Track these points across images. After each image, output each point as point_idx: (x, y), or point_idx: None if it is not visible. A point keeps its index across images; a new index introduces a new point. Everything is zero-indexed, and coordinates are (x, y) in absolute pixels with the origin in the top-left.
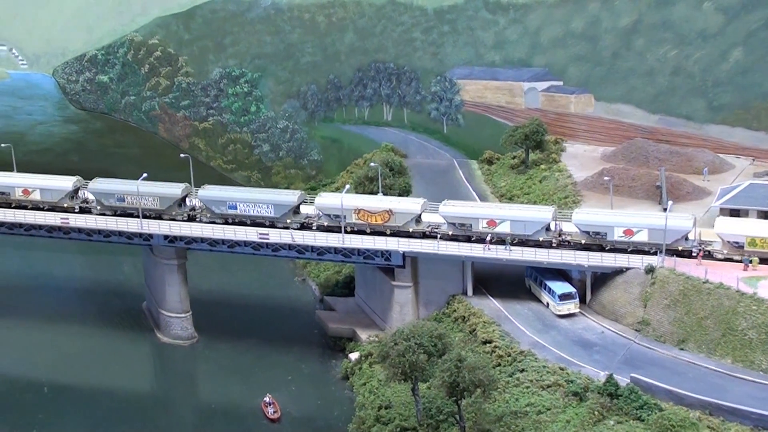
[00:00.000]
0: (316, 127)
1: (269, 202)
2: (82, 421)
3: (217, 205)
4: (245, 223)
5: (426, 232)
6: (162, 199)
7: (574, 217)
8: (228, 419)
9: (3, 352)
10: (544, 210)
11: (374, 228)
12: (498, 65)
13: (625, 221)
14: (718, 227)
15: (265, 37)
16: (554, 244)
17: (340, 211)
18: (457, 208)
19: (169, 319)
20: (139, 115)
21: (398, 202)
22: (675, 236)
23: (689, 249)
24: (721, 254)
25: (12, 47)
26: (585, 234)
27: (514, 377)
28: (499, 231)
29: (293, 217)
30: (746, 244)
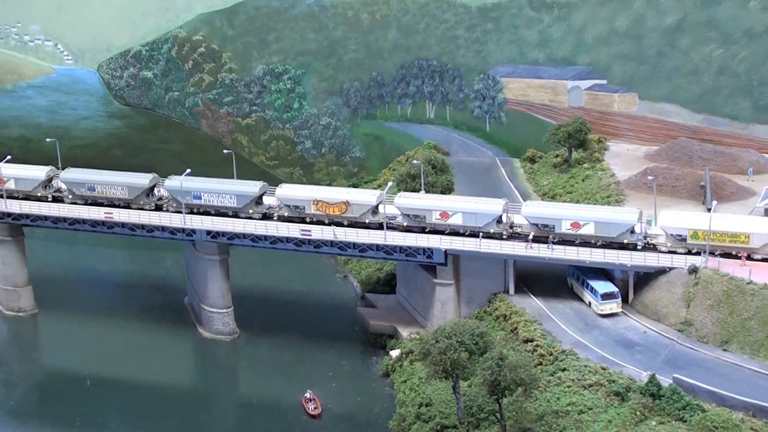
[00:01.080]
0: (359, 124)
1: (232, 193)
2: (123, 415)
3: (182, 196)
4: (210, 213)
5: (382, 223)
6: (130, 189)
7: (523, 210)
8: (269, 415)
9: (47, 345)
10: (494, 203)
11: (332, 219)
12: (541, 63)
13: (572, 214)
14: (661, 220)
15: (308, 33)
16: (504, 235)
17: (299, 202)
18: (411, 200)
19: (211, 314)
20: (183, 110)
21: (354, 193)
22: (620, 229)
23: (634, 242)
24: (665, 247)
25: (57, 43)
26: (534, 226)
27: (555, 376)
28: (452, 223)
29: (255, 207)
30: (689, 237)
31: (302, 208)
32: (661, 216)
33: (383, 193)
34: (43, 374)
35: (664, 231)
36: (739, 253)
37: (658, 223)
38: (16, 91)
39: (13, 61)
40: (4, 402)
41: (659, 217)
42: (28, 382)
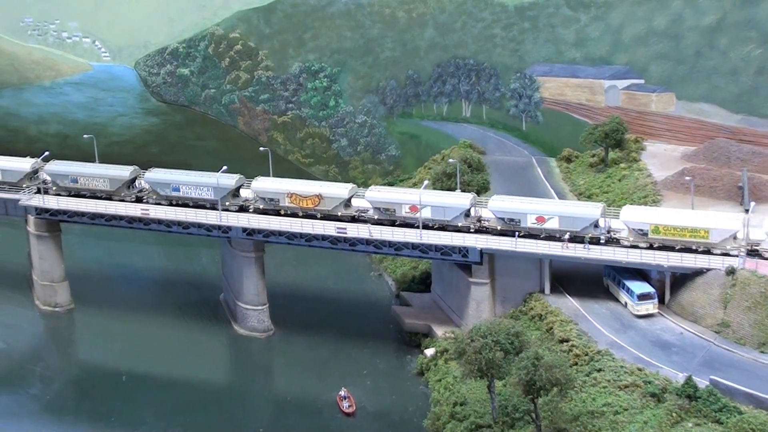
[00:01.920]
0: (395, 122)
1: (209, 185)
2: (158, 410)
3: (161, 187)
4: (188, 205)
5: (354, 216)
6: (111, 181)
7: (490, 204)
8: (303, 412)
9: (83, 340)
10: (462, 197)
11: (306, 211)
12: (578, 63)
13: (536, 208)
14: (623, 215)
15: (345, 32)
16: (472, 229)
17: (274, 195)
18: (381, 193)
19: (246, 311)
20: (219, 108)
21: (327, 186)
22: (584, 224)
23: (597, 236)
24: (627, 241)
25: (95, 40)
26: (500, 220)
27: (591, 377)
28: (421, 216)
29: (232, 199)
30: (650, 232)
31: (277, 201)
32: (623, 211)
33: (354, 187)
34: (79, 369)
35: (626, 225)
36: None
37: (621, 217)
38: (54, 87)
39: (51, 57)
40: (40, 396)
41: (621, 212)
42: (65, 377)
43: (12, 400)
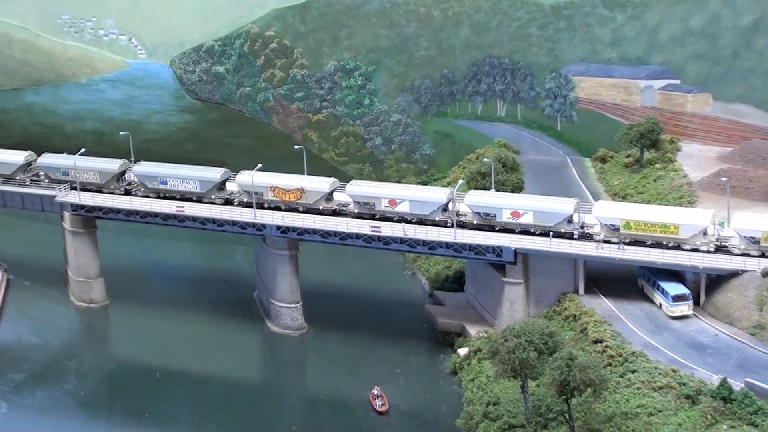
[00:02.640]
0: (429, 121)
1: (195, 179)
2: (192, 407)
3: (149, 180)
4: (175, 197)
5: (336, 210)
6: (101, 174)
7: (466, 199)
8: (336, 410)
9: (118, 336)
10: (439, 191)
11: (288, 205)
12: (614, 62)
13: (511, 203)
14: (595, 211)
15: (380, 30)
16: (449, 223)
17: (258, 189)
18: (361, 187)
19: (280, 309)
20: (254, 106)
21: (309, 180)
22: (557, 219)
23: (571, 232)
24: (599, 236)
25: (131, 37)
26: (477, 215)
27: (624, 378)
28: (399, 210)
29: (217, 192)
30: (622, 227)
31: (260, 194)
32: (595, 207)
33: (336, 181)
34: (113, 365)
35: (598, 221)
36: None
37: (593, 213)
38: (90, 84)
39: (88, 55)
40: (75, 392)
41: (594, 207)
42: (99, 373)
43: (47, 396)
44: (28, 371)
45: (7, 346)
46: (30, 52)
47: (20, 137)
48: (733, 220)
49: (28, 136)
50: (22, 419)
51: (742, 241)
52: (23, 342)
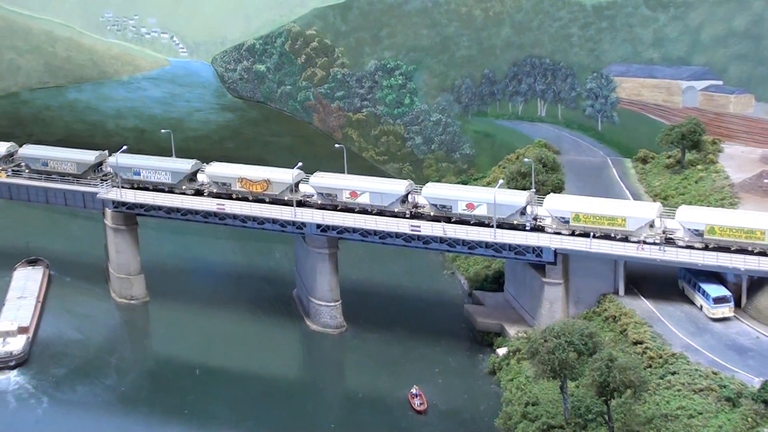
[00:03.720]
0: (469, 121)
1: (167, 170)
2: (231, 404)
3: (124, 172)
4: (148, 188)
5: (301, 201)
6: (78, 165)
7: (424, 191)
8: (375, 409)
9: (158, 332)
10: (398, 183)
11: (255, 196)
12: (656, 63)
13: (466, 196)
14: (546, 204)
15: (421, 30)
16: (407, 215)
17: (226, 180)
18: (324, 179)
19: (319, 307)
20: (294, 104)
21: (275, 172)
22: (510, 211)
23: (523, 223)
24: (550, 229)
25: (173, 35)
26: (434, 207)
27: (664, 379)
28: (360, 201)
29: (188, 183)
30: (571, 220)
31: (229, 185)
32: (546, 200)
33: (301, 173)
34: (153, 361)
35: (550, 214)
36: (616, 235)
37: (544, 206)
38: (132, 82)
39: (130, 53)
40: (115, 388)
41: (545, 200)
42: (139, 369)
43: (88, 391)
44: (69, 366)
45: (49, 342)
46: (73, 50)
47: (63, 134)
48: (678, 212)
49: (70, 133)
50: (63, 414)
51: (686, 234)
52: (64, 337)
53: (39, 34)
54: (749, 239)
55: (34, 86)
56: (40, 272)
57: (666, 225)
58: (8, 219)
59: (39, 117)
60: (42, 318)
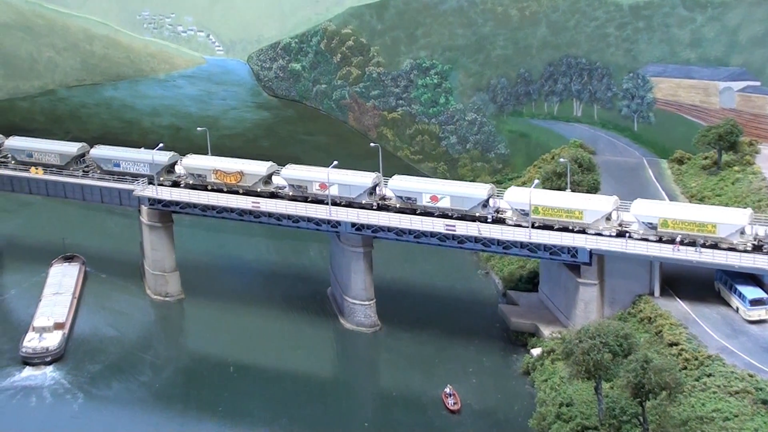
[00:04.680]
0: (505, 120)
1: (145, 162)
2: (265, 402)
3: (104, 163)
4: (126, 179)
5: (273, 192)
6: (62, 156)
7: (390, 183)
8: (408, 408)
9: (193, 330)
10: (366, 176)
11: (230, 187)
12: (693, 63)
13: (430, 188)
14: (506, 196)
15: (457, 29)
16: (374, 206)
17: (201, 171)
18: (295, 171)
19: (353, 306)
20: (330, 103)
21: (248, 164)
22: (472, 203)
23: (484, 216)
24: (511, 221)
25: (209, 33)
26: (399, 199)
27: (700, 381)
28: (329, 193)
29: (166, 175)
30: (531, 212)
31: (204, 177)
32: (507, 193)
33: (273, 165)
34: (188, 359)
35: (510, 206)
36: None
37: (505, 198)
38: (168, 80)
39: (167, 51)
40: (150, 384)
41: (506, 193)
42: (174, 366)
43: (123, 387)
44: (105, 363)
45: (84, 338)
46: (110, 48)
47: (99, 132)
48: (632, 206)
49: (106, 130)
50: (98, 410)
51: (641, 227)
52: (100, 334)
53: (77, 32)
54: (701, 232)
55: (71, 84)
56: (76, 269)
57: (623, 218)
58: (45, 216)
59: (76, 114)
60: (78, 314)
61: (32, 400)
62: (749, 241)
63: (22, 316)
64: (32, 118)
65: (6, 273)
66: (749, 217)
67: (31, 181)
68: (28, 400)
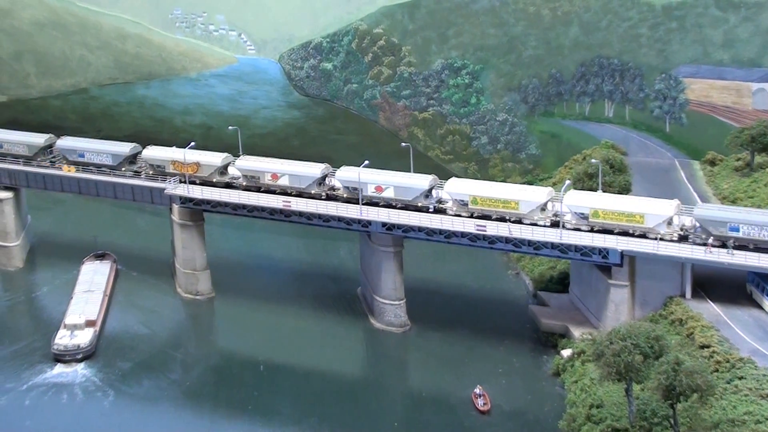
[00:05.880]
0: (536, 121)
1: (108, 152)
2: (294, 400)
3: (69, 154)
4: (92, 171)
5: (228, 182)
6: (29, 147)
7: (337, 174)
8: (438, 408)
9: (224, 328)
10: (315, 167)
11: (188, 178)
12: (726, 64)
13: (375, 179)
14: (447, 187)
15: (488, 29)
16: (323, 197)
17: (160, 162)
18: (249, 162)
19: (383, 305)
20: (361, 103)
21: (204, 155)
22: (414, 193)
23: (426, 206)
24: (451, 211)
25: (241, 33)
26: (346, 189)
27: (731, 384)
28: (280, 183)
29: (128, 166)
30: (470, 202)
31: (163, 167)
32: (448, 183)
33: (228, 156)
34: (218, 357)
35: (450, 196)
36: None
37: (445, 189)
38: (199, 79)
39: (198, 50)
40: (180, 382)
41: (446, 184)
42: (204, 364)
43: (153, 385)
44: (135, 360)
45: (116, 335)
46: (142, 47)
47: (131, 130)
48: (565, 197)
49: (138, 129)
50: (129, 407)
51: (574, 217)
52: (131, 331)
53: (109, 30)
54: (630, 222)
55: (104, 82)
56: (108, 266)
57: (557, 209)
58: (76, 214)
59: (108, 113)
60: (109, 312)
61: (63, 397)
62: (676, 231)
63: (53, 313)
64: (64, 116)
65: (38, 270)
66: (676, 208)
67: (63, 178)
68: (59, 397)
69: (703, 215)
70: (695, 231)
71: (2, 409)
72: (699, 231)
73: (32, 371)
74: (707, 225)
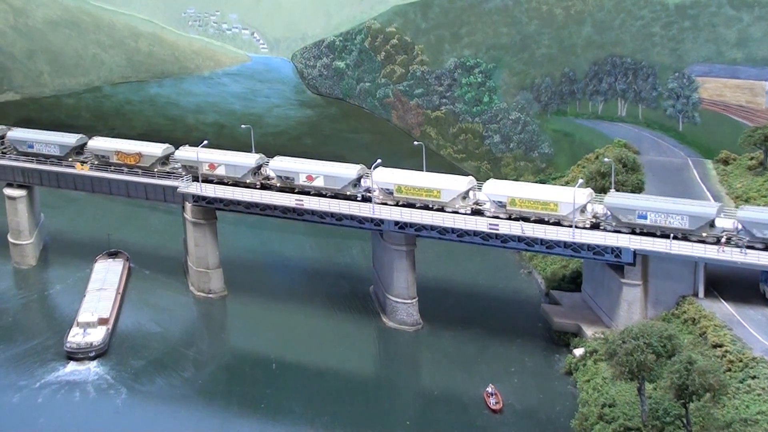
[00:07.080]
0: (548, 119)
1: (55, 143)
2: (306, 399)
3: (20, 145)
4: (43, 162)
5: (169, 172)
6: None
7: (270, 164)
8: (450, 407)
9: (236, 327)
10: (250, 157)
11: (130, 168)
12: (739, 63)
13: (306, 168)
14: (374, 176)
15: (501, 28)
16: (257, 185)
17: (104, 152)
18: (186, 153)
19: (396, 304)
20: (373, 101)
21: (146, 146)
22: (343, 182)
23: (355, 195)
24: (378, 199)
25: (254, 31)
26: (280, 178)
27: (744, 383)
28: (217, 173)
29: (75, 156)
30: (395, 191)
31: (107, 158)
32: (374, 173)
33: (169, 147)
34: (230, 355)
35: (377, 186)
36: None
37: (372, 177)
38: (212, 78)
39: (211, 48)
40: (193, 380)
41: (373, 174)
42: (217, 363)
43: (166, 383)
44: (148, 358)
45: (128, 334)
46: (155, 45)
47: (144, 128)
48: (484, 186)
49: (151, 127)
50: (142, 405)
51: (492, 206)
52: (143, 329)
53: (122, 29)
54: (545, 210)
55: (117, 81)
56: (120, 264)
57: (478, 198)
58: (89, 212)
59: (120, 111)
60: (121, 310)
61: (76, 395)
62: (588, 219)
63: (66, 311)
64: (78, 114)
65: (51, 268)
66: (588, 196)
67: (76, 177)
68: (72, 395)
69: (612, 203)
70: (606, 219)
71: (16, 407)
72: (609, 219)
73: (45, 369)
74: (617, 213)
